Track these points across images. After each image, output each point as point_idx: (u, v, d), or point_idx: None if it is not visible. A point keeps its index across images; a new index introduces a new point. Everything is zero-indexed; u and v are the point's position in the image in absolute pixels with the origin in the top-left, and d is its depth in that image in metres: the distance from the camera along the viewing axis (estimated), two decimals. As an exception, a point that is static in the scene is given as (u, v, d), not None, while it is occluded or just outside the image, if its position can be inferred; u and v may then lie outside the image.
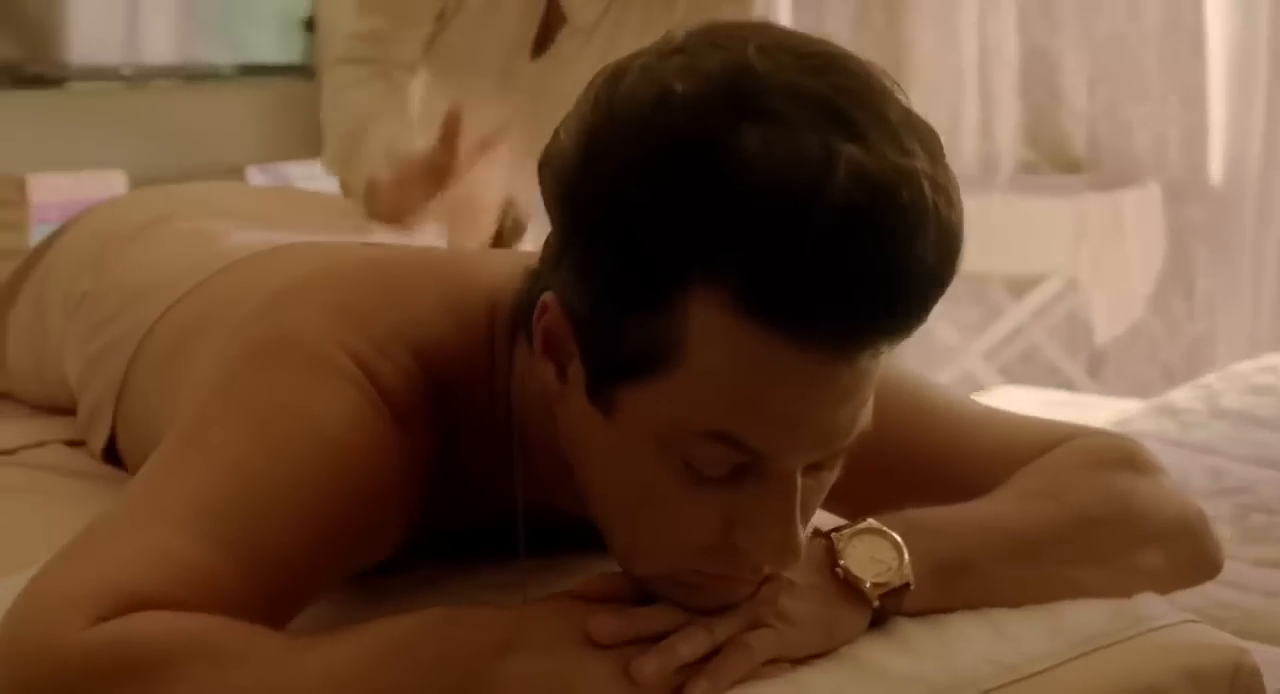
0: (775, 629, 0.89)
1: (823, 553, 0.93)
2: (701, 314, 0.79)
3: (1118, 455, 1.06)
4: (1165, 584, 1.04)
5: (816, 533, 0.94)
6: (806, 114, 0.78)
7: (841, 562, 0.92)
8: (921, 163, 0.80)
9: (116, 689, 0.76)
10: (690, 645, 0.86)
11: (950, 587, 0.96)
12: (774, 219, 0.77)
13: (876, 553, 0.94)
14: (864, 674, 0.88)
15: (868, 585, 0.92)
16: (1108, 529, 1.02)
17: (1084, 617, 0.96)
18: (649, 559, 0.88)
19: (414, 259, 1.06)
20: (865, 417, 0.85)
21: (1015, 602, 0.98)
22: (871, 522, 0.95)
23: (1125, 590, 1.01)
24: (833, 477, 0.89)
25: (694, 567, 0.87)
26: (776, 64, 0.81)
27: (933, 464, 1.06)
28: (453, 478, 0.97)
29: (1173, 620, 0.98)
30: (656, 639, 0.86)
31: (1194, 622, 0.99)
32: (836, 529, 0.94)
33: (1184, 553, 1.05)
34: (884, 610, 0.93)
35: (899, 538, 0.94)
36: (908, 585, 0.93)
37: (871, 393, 0.85)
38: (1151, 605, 0.99)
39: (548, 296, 0.87)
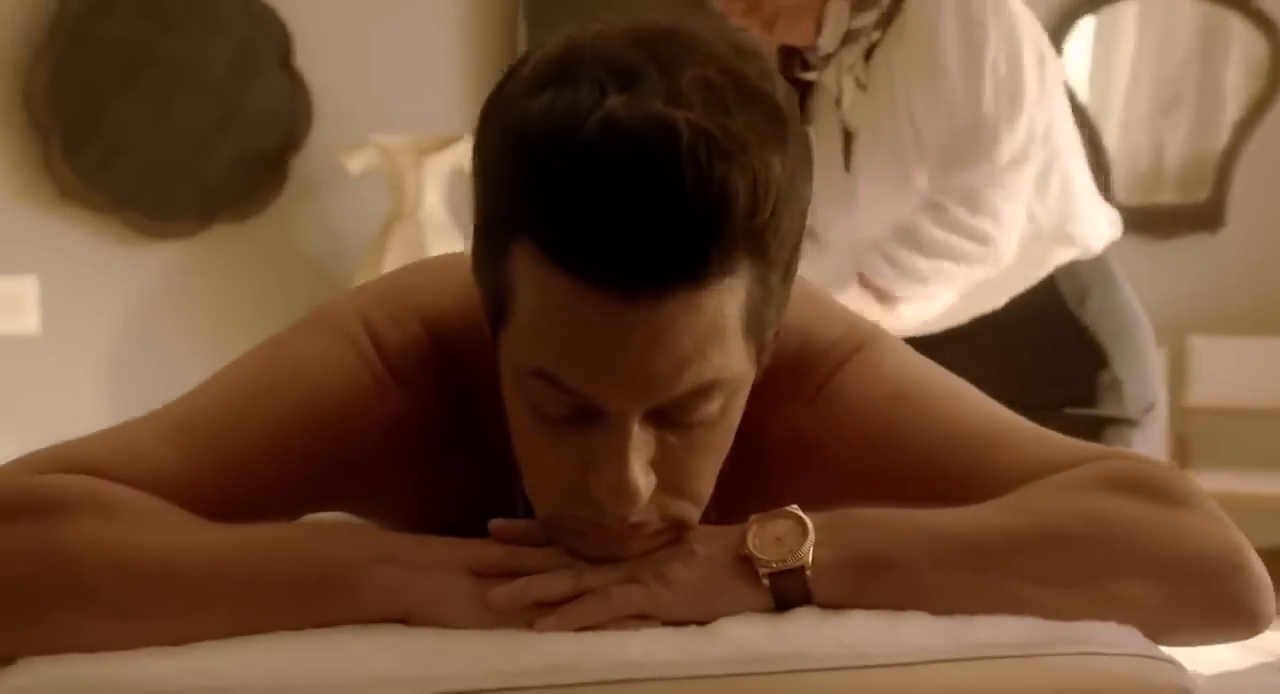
0: (647, 588, 0.92)
1: (739, 532, 0.95)
2: (521, 263, 0.87)
3: (1136, 480, 0.98)
4: (1160, 623, 0.94)
5: None
6: (602, 77, 0.84)
7: (748, 540, 0.94)
8: (693, 114, 0.83)
9: (16, 521, 0.91)
10: (553, 585, 0.92)
11: (869, 582, 0.93)
12: (542, 170, 0.84)
13: (785, 537, 0.94)
14: (699, 636, 0.88)
15: (772, 566, 0.93)
16: (1081, 550, 0.94)
17: (1000, 627, 0.90)
18: (539, 502, 0.95)
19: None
20: (704, 371, 0.87)
21: (950, 609, 0.93)
22: (794, 508, 0.95)
23: (1096, 619, 0.92)
24: (709, 437, 0.92)
25: (569, 511, 0.93)
26: (607, 40, 0.88)
27: (952, 478, 1.01)
28: (475, 442, 1.06)
29: (1119, 650, 0.89)
30: None
31: (1161, 661, 0.89)
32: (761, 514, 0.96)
33: (1195, 593, 0.95)
34: (783, 593, 0.93)
35: (810, 525, 0.94)
36: (804, 569, 0.92)
37: (711, 347, 0.87)
38: (1101, 632, 0.90)
39: None
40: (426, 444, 1.06)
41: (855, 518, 0.96)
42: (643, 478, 0.89)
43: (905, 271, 1.91)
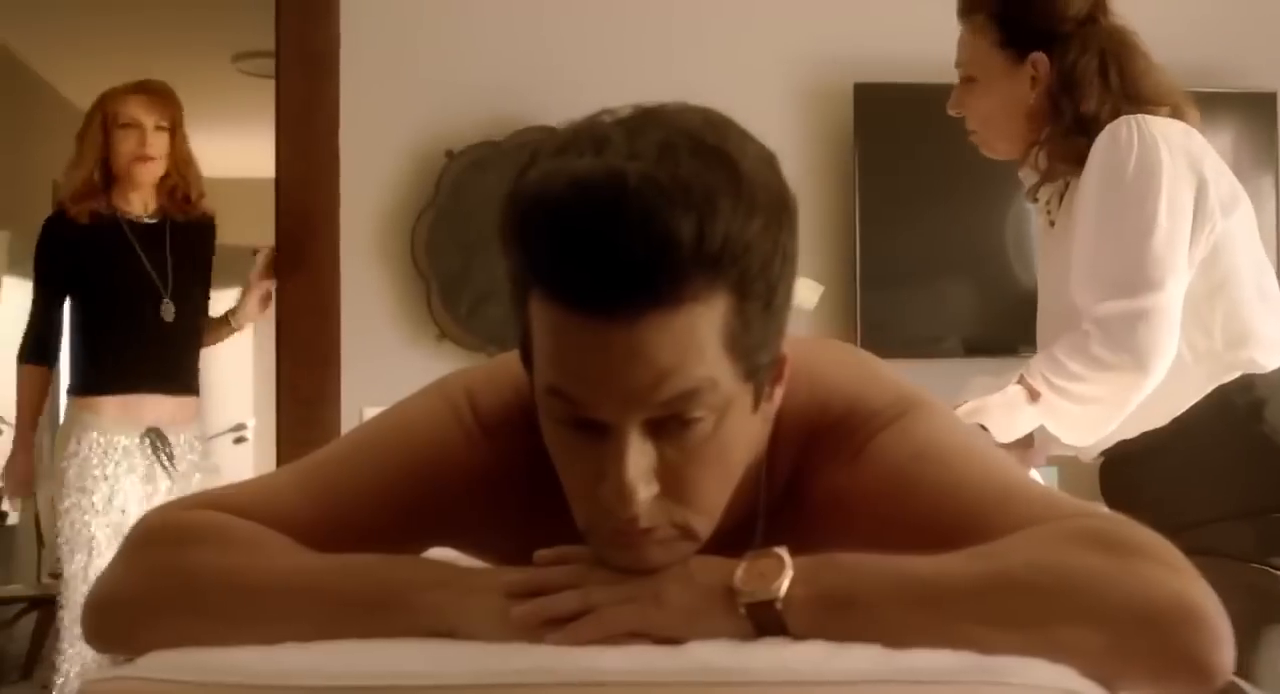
0: (639, 607, 1.09)
1: (734, 565, 1.10)
2: (534, 303, 1.07)
3: (1095, 533, 1.07)
4: (1107, 669, 1.03)
5: None
6: (584, 148, 1.04)
7: (737, 573, 1.09)
8: (643, 165, 1.00)
9: (158, 546, 1.18)
10: (563, 604, 1.10)
11: (836, 618, 1.07)
12: (530, 222, 1.04)
13: (767, 573, 1.09)
14: (668, 652, 1.05)
15: (750, 597, 1.08)
16: (1029, 596, 1.04)
17: (933, 658, 1.01)
18: (577, 517, 1.13)
19: None
20: (686, 380, 1.04)
21: (906, 644, 1.04)
22: (781, 549, 1.10)
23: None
24: (705, 450, 1.08)
25: (595, 521, 1.11)
26: (611, 120, 1.07)
27: (954, 529, 1.12)
28: (557, 490, 1.20)
29: (1035, 683, 0.99)
30: None
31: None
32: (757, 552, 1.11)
33: (1139, 640, 1.02)
34: (760, 623, 1.08)
35: (788, 563, 1.08)
36: (775, 602, 1.07)
37: (688, 361, 1.03)
38: (1028, 668, 1.00)
39: None
40: (514, 491, 1.27)
41: (834, 560, 1.10)
42: (641, 482, 1.06)
43: (1055, 389, 2.01)
